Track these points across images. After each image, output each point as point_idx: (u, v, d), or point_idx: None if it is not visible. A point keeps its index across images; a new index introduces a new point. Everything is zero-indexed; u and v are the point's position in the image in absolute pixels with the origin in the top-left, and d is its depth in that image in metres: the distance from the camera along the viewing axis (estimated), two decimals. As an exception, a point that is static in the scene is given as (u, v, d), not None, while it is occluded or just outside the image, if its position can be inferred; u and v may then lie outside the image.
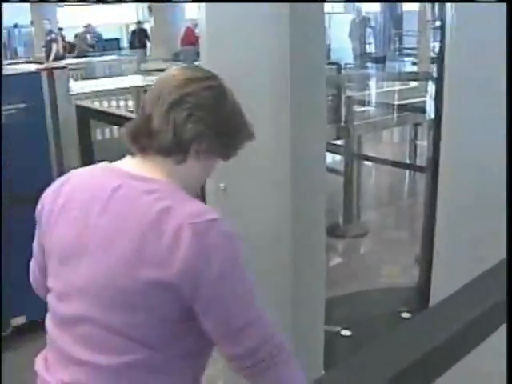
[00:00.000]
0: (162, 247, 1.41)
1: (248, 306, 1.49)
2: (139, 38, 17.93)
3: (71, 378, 1.53)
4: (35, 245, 1.72)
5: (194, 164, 1.55)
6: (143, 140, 1.54)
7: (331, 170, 6.22)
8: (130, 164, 1.58)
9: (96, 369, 1.50)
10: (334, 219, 5.86)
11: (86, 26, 17.64)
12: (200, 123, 1.51)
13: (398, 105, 6.08)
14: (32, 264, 1.78)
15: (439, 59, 3.01)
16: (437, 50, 3.32)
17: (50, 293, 1.61)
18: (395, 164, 6.40)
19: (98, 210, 1.51)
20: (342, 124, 5.67)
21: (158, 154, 1.53)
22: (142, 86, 5.57)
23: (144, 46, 17.73)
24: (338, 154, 6.15)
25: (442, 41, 2.87)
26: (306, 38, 2.46)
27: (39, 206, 1.65)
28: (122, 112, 3.81)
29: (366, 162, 6.56)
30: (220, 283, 1.44)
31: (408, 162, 7.18)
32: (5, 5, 8.74)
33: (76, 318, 1.52)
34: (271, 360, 1.49)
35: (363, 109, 6.19)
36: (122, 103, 5.45)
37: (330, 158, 6.67)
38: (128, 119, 3.28)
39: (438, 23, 3.53)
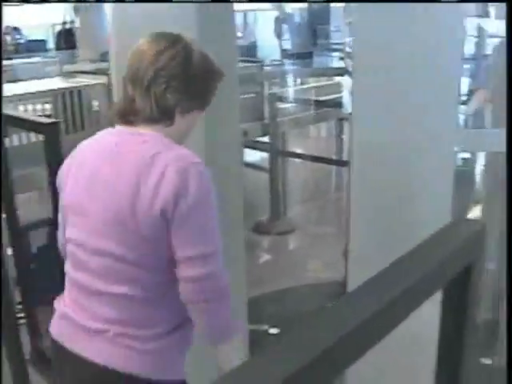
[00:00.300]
0: (152, 184, 1.68)
1: (211, 238, 1.73)
2: (66, 38, 17.54)
3: (88, 305, 1.81)
4: (60, 213, 1.95)
5: (181, 122, 1.79)
6: (131, 117, 1.78)
7: (257, 167, 6.21)
8: (125, 127, 1.81)
9: (112, 298, 1.77)
10: (261, 216, 5.86)
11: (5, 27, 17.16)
12: (177, 91, 1.74)
13: (321, 100, 6.12)
14: (59, 233, 1.99)
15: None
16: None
17: (69, 243, 1.86)
18: (319, 159, 6.43)
19: (103, 163, 1.77)
20: (266, 121, 5.69)
21: (147, 124, 1.77)
22: (62, 89, 5.42)
23: (74, 47, 17.33)
24: (263, 150, 6.15)
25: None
26: (216, 37, 2.44)
27: (59, 177, 1.91)
28: (37, 118, 3.70)
29: (294, 158, 6.57)
30: (193, 208, 1.69)
31: (334, 156, 7.23)
32: None
33: (94, 252, 1.78)
34: (218, 293, 1.73)
35: (287, 105, 6.21)
36: (38, 107, 5.28)
37: (257, 155, 6.67)
38: (43, 125, 3.21)
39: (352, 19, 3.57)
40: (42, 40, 20.76)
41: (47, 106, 5.30)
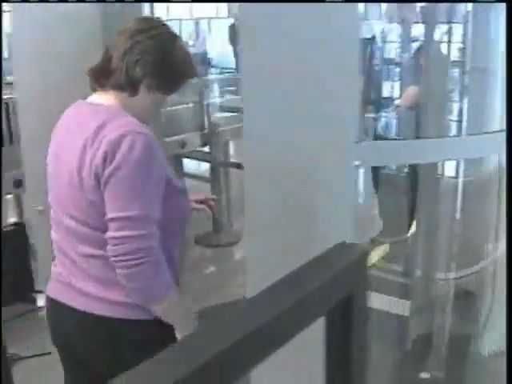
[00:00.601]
0: (92, 152, 1.85)
1: (134, 203, 1.82)
2: None
3: (67, 265, 2.03)
4: None
5: (146, 96, 1.96)
6: (102, 79, 1.97)
7: (200, 178, 6.13)
8: (93, 97, 2.02)
9: (80, 258, 1.98)
10: (205, 228, 5.77)
11: None
12: (146, 65, 1.91)
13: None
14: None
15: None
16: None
17: (51, 208, 2.08)
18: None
19: (64, 133, 2.00)
20: (206, 131, 5.59)
21: (113, 89, 1.95)
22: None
23: None
24: (205, 161, 6.05)
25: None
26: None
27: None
28: None
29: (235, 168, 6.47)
30: (115, 173, 1.82)
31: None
32: None
33: (63, 215, 1.99)
34: (147, 256, 1.81)
35: (230, 115, 6.11)
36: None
37: (204, 166, 6.57)
38: None
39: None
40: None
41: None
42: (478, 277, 3.49)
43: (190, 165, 6.79)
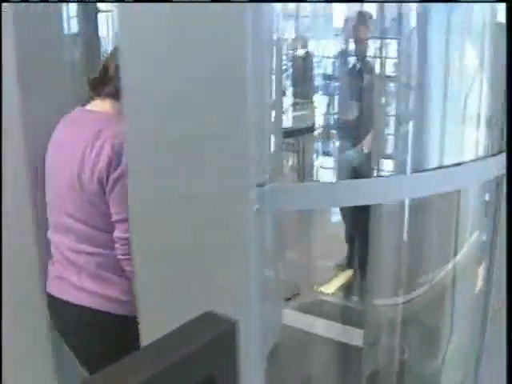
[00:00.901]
0: (92, 157, 1.98)
1: None
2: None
3: (65, 262, 2.15)
4: None
5: None
6: (99, 88, 2.13)
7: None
8: (90, 105, 2.18)
9: (77, 256, 2.10)
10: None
11: None
12: None
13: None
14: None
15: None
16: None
17: (48, 208, 2.20)
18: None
19: (64, 137, 2.15)
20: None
21: (109, 98, 2.11)
22: None
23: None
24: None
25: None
26: (36, 39, 2.38)
27: None
28: None
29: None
30: (119, 180, 1.95)
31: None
32: None
33: (61, 214, 2.10)
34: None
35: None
36: None
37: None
38: None
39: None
40: None
41: None
42: (430, 300, 3.34)
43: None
